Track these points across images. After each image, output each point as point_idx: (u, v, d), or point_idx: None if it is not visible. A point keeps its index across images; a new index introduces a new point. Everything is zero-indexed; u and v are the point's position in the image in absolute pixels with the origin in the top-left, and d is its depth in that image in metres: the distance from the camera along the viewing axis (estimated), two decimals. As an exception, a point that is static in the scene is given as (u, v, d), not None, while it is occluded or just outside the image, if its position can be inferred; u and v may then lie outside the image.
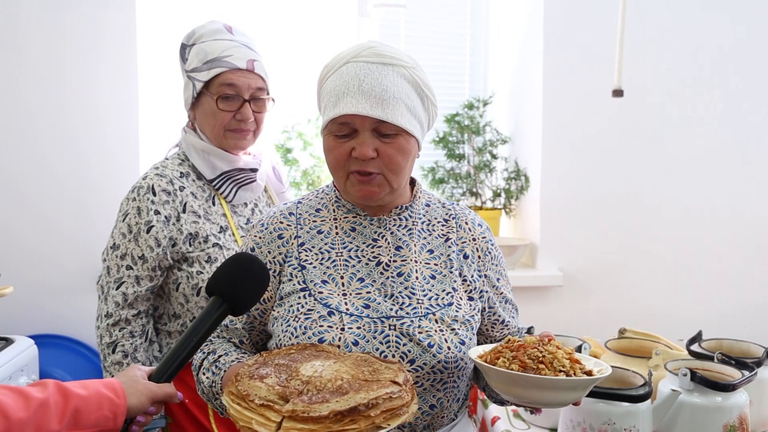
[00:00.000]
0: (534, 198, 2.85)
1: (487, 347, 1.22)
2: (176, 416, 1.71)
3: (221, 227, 1.71)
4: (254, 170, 1.77)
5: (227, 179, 1.73)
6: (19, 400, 0.97)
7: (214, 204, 1.73)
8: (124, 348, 1.67)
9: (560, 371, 1.11)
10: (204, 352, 1.33)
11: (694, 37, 2.77)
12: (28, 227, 2.60)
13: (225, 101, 1.68)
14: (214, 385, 1.27)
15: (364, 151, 1.23)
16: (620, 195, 2.80)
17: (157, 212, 1.65)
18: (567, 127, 2.76)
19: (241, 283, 1.17)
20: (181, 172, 1.73)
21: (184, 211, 1.68)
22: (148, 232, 1.65)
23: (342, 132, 1.25)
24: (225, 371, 1.25)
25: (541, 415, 1.79)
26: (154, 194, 1.66)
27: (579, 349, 1.60)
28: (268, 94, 1.75)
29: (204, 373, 1.29)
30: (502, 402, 1.43)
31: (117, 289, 1.67)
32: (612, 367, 1.59)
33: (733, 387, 1.53)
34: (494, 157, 2.97)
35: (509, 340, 1.19)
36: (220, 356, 1.29)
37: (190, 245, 1.67)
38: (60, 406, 1.00)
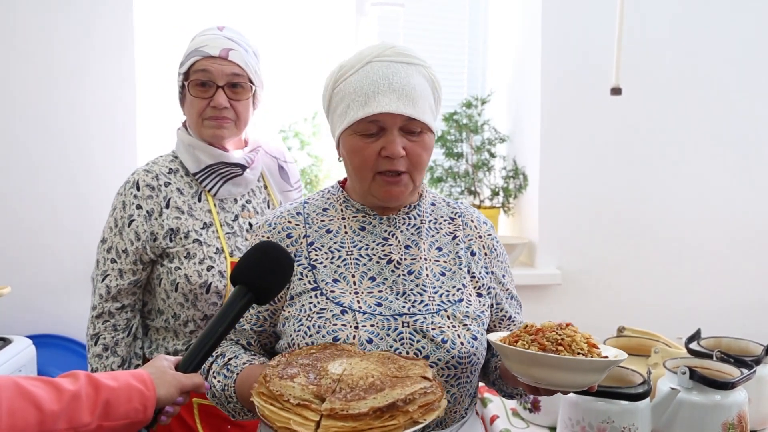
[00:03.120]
0: (532, 196, 2.85)
1: (504, 333, 1.23)
2: None
3: (205, 223, 1.71)
4: (238, 165, 1.74)
5: (212, 173, 1.72)
6: (51, 392, 0.96)
7: (200, 200, 1.73)
8: (105, 341, 1.67)
9: (579, 354, 1.11)
10: (212, 356, 1.31)
11: (693, 36, 2.77)
12: (26, 228, 2.60)
13: (199, 88, 1.68)
14: (226, 388, 1.26)
15: (396, 149, 1.23)
16: (619, 193, 2.80)
17: (139, 207, 1.67)
18: (565, 126, 2.76)
19: (266, 271, 1.17)
20: (170, 169, 1.73)
21: (167, 206, 1.68)
22: (129, 225, 1.67)
23: (370, 131, 1.25)
24: (238, 374, 1.25)
25: (540, 413, 1.79)
26: (138, 189, 1.68)
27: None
28: (251, 82, 1.72)
29: (215, 377, 1.28)
30: (511, 395, 1.43)
31: (102, 281, 1.69)
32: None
33: (732, 385, 1.53)
34: (492, 155, 2.96)
35: (527, 325, 1.19)
36: (230, 359, 1.28)
37: (171, 240, 1.67)
38: (91, 398, 0.99)
